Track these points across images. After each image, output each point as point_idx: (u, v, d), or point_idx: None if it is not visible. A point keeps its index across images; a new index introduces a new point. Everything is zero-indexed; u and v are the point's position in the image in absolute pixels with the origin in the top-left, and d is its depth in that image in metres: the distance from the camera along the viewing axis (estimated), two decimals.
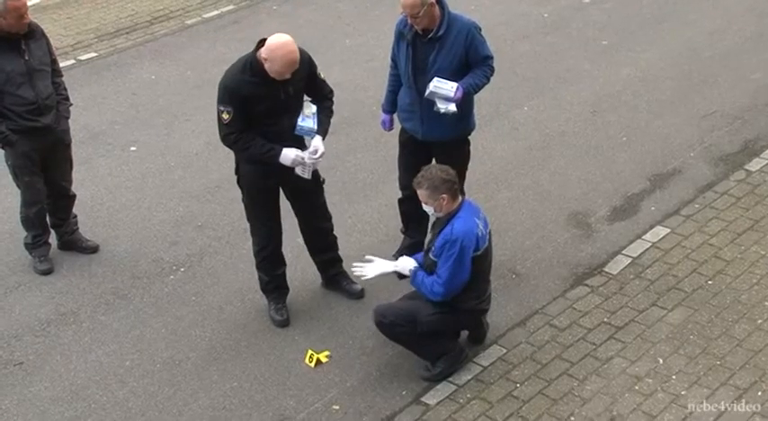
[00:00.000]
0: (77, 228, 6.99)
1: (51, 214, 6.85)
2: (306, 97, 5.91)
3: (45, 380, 5.90)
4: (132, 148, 8.23)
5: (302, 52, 5.69)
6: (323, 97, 5.98)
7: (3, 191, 7.60)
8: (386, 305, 5.80)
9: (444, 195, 5.46)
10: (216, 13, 10.67)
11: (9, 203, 7.44)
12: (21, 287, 6.66)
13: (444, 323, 5.65)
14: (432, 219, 5.74)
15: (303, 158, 5.80)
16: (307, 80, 5.82)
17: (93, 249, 6.96)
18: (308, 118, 5.84)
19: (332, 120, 6.04)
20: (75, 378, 5.90)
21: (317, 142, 5.85)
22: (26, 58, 6.32)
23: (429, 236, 5.74)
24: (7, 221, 7.27)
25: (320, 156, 5.85)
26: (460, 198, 5.56)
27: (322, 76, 5.95)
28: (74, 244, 6.97)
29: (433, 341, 5.69)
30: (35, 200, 6.65)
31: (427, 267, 5.61)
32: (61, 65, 9.64)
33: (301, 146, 5.87)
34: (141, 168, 7.95)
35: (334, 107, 6.06)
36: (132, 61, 9.71)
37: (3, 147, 6.52)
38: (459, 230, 5.41)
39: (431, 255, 5.55)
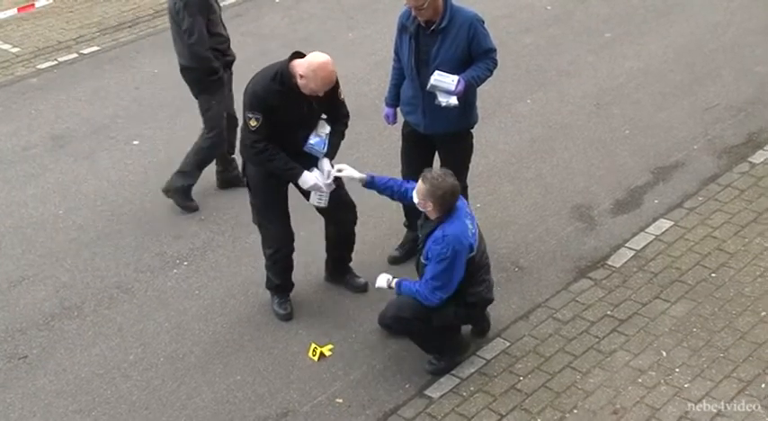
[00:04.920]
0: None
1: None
2: (322, 116, 5.86)
3: (49, 373, 5.91)
4: (135, 142, 8.23)
5: None
6: (337, 119, 5.92)
7: (7, 185, 7.61)
8: (399, 300, 5.63)
9: (431, 204, 5.39)
10: None
11: (13, 197, 7.46)
12: (25, 281, 6.67)
13: (457, 317, 5.65)
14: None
15: (321, 187, 5.79)
16: (328, 97, 5.75)
17: None
18: (319, 137, 5.82)
19: None
20: (79, 371, 5.92)
21: (327, 166, 5.82)
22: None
23: (420, 236, 5.61)
24: (11, 215, 7.28)
25: (333, 180, 5.84)
26: (450, 211, 5.42)
27: (342, 96, 5.91)
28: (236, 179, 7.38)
29: (441, 334, 5.70)
30: None
31: (420, 270, 5.58)
32: (63, 59, 9.64)
33: (310, 161, 5.84)
34: (144, 162, 7.95)
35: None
36: (135, 55, 9.70)
37: None
38: (450, 235, 5.34)
39: (422, 259, 5.52)
